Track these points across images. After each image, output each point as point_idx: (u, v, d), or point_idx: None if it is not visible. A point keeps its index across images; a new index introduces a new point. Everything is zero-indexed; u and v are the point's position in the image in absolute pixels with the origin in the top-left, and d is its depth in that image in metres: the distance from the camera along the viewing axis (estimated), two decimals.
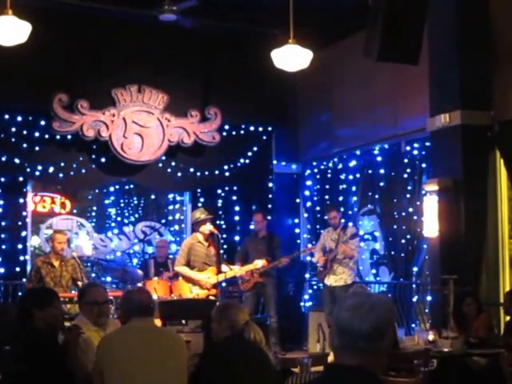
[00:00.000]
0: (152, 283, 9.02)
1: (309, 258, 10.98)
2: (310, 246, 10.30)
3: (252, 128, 11.23)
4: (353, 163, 10.72)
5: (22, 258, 9.86)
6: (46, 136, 9.88)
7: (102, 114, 9.97)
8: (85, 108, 9.84)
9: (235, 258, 9.76)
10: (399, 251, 9.68)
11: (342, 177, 10.90)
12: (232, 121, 10.91)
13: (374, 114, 10.11)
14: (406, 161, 9.68)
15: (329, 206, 10.14)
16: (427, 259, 9.01)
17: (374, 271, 10.57)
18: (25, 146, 9.76)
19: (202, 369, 4.24)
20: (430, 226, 8.24)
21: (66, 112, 9.75)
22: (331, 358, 5.51)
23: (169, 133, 10.33)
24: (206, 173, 10.76)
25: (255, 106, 10.97)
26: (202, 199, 10.95)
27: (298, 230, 11.57)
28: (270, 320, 9.47)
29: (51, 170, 9.92)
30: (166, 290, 9.01)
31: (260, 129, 11.29)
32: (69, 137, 9.94)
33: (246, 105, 10.89)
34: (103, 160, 10.13)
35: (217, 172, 10.83)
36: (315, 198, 11.42)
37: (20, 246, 9.85)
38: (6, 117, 9.72)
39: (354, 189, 10.69)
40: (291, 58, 7.73)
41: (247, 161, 11.07)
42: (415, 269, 9.46)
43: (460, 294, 7.25)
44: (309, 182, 11.55)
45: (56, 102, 9.67)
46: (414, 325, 9.23)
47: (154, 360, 4.08)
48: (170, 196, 12.25)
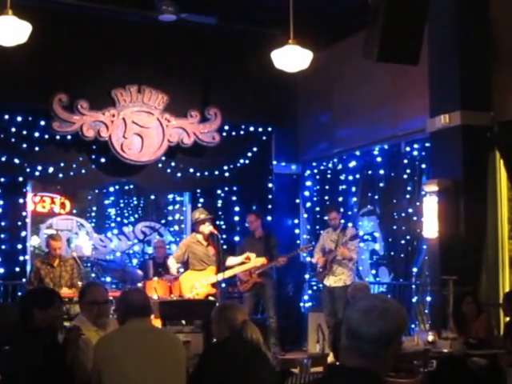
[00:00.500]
0: (152, 283, 9.02)
1: (308, 259, 10.97)
2: (307, 245, 10.28)
3: (252, 128, 11.23)
4: (352, 164, 10.72)
5: (21, 258, 9.85)
6: (46, 136, 9.87)
7: (102, 114, 9.97)
8: (85, 108, 9.84)
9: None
10: (399, 252, 9.68)
11: (342, 177, 10.89)
12: (232, 121, 10.91)
13: (373, 114, 10.10)
14: (405, 161, 9.67)
15: (329, 207, 10.14)
16: (427, 260, 9.01)
17: (373, 272, 10.56)
18: (24, 146, 9.75)
19: (202, 369, 4.24)
20: (430, 226, 8.24)
21: (66, 112, 9.75)
22: (331, 359, 5.51)
23: (168, 133, 10.33)
24: (206, 173, 10.76)
25: (255, 106, 10.96)
26: (201, 199, 10.95)
27: (297, 231, 11.57)
28: (269, 320, 9.46)
29: (51, 170, 9.91)
30: (166, 290, 9.01)
31: (260, 129, 11.29)
32: (69, 137, 9.93)
33: (246, 105, 10.89)
34: (103, 160, 10.13)
35: (216, 172, 10.82)
36: (315, 199, 11.42)
37: (20, 246, 9.85)
38: (6, 117, 9.71)
39: (353, 189, 10.68)
40: (291, 58, 7.73)
41: (247, 161, 11.07)
42: (415, 269, 9.45)
43: (459, 293, 7.25)
44: (308, 183, 11.55)
45: (56, 102, 9.67)
46: (413, 325, 9.22)
47: (151, 360, 4.08)
48: (170, 196, 12.24)
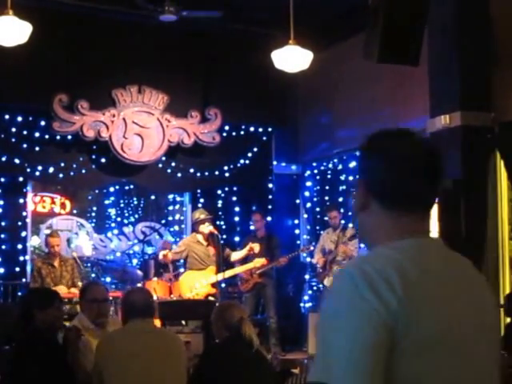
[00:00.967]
0: (152, 283, 9.02)
1: (309, 259, 10.97)
2: (308, 245, 10.28)
3: (252, 129, 11.23)
4: (353, 164, 10.71)
5: (21, 258, 9.85)
6: (46, 136, 9.87)
7: (102, 114, 9.97)
8: (85, 108, 9.84)
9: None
10: None
11: (342, 178, 10.89)
12: (232, 121, 10.90)
13: (374, 114, 10.09)
14: None
15: (329, 206, 10.15)
16: None
17: None
18: (25, 146, 9.75)
19: (202, 369, 4.24)
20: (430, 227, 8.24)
21: (66, 112, 9.74)
22: None
23: (169, 133, 10.33)
24: (206, 173, 10.76)
25: (255, 106, 10.96)
26: (201, 200, 10.95)
27: (297, 231, 11.56)
28: (269, 321, 9.47)
29: (51, 170, 9.91)
30: (166, 291, 9.01)
31: (260, 129, 11.29)
32: (69, 137, 9.93)
33: (246, 105, 10.88)
34: (103, 160, 10.13)
35: (217, 173, 10.82)
36: (315, 199, 11.42)
37: (20, 246, 9.85)
38: (6, 117, 9.71)
39: (354, 190, 10.69)
40: (291, 58, 7.74)
41: (247, 161, 11.07)
42: None
43: None
44: (309, 183, 11.55)
45: (56, 102, 9.67)
46: None
47: (153, 361, 4.08)
48: (170, 196, 12.23)
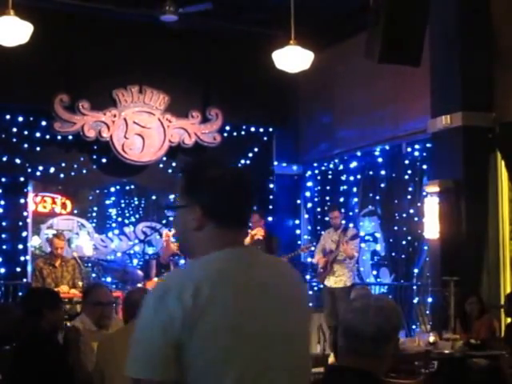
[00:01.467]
0: (152, 283, 9.01)
1: (309, 259, 10.97)
2: (308, 245, 10.26)
3: (253, 129, 11.23)
4: (354, 164, 10.72)
5: (22, 258, 9.86)
6: (47, 136, 9.88)
7: (103, 114, 9.97)
8: (86, 108, 9.84)
9: None
10: (400, 252, 9.68)
11: (343, 178, 10.90)
12: (233, 122, 10.91)
13: (375, 115, 10.10)
14: (406, 162, 9.68)
15: (331, 206, 10.14)
16: (428, 261, 9.01)
17: (374, 272, 10.56)
18: (26, 146, 9.76)
19: None
20: (431, 227, 8.24)
21: (67, 112, 9.75)
22: (332, 360, 5.50)
23: (170, 133, 10.33)
24: None
25: (256, 106, 10.96)
26: None
27: (298, 231, 11.56)
28: None
29: (52, 170, 9.92)
30: None
31: (261, 130, 11.29)
32: (70, 137, 9.94)
33: (247, 106, 10.89)
34: (104, 160, 10.14)
35: None
36: (316, 199, 11.42)
37: (21, 247, 9.85)
38: (7, 117, 9.72)
39: (354, 190, 10.68)
40: (292, 58, 7.74)
41: (248, 162, 11.07)
42: (416, 270, 9.46)
43: (464, 293, 7.30)
44: (309, 183, 11.55)
45: (57, 102, 9.67)
46: (414, 326, 9.22)
47: None
48: (171, 197, 12.22)
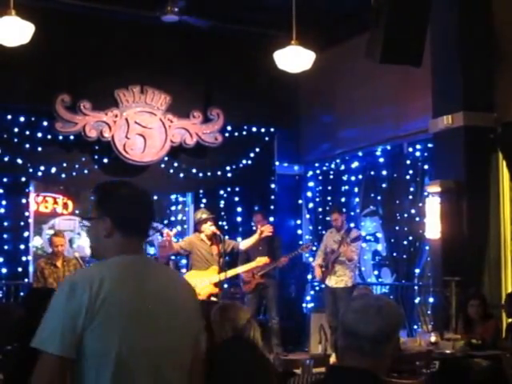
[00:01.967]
0: None
1: (311, 259, 10.96)
2: (308, 244, 10.24)
3: (254, 129, 11.23)
4: (355, 164, 10.72)
5: (24, 258, 9.86)
6: (49, 136, 9.88)
7: (105, 114, 9.98)
8: (87, 109, 9.84)
9: (238, 258, 9.73)
10: (401, 253, 9.67)
11: (345, 178, 10.89)
12: (234, 122, 10.90)
13: (376, 115, 10.10)
14: (408, 162, 9.68)
15: (331, 208, 10.13)
16: (429, 261, 9.01)
17: (376, 272, 10.57)
18: (27, 146, 9.76)
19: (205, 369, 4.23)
20: (432, 227, 8.24)
21: (69, 112, 9.75)
22: (333, 360, 5.51)
23: (171, 134, 10.33)
24: (209, 174, 10.76)
25: (257, 107, 10.96)
26: (204, 200, 10.94)
27: (300, 232, 11.56)
28: (271, 321, 9.45)
29: (53, 170, 9.92)
30: None
31: (262, 130, 11.29)
32: (71, 137, 9.94)
33: (249, 106, 10.88)
34: (105, 161, 10.13)
35: (219, 173, 10.82)
36: (317, 200, 11.42)
37: (22, 247, 9.85)
38: (9, 117, 9.72)
39: (356, 190, 10.68)
40: (293, 59, 7.74)
41: (249, 162, 11.07)
42: (417, 270, 9.45)
43: (468, 295, 7.30)
44: (311, 184, 11.55)
45: (58, 102, 9.67)
46: (416, 326, 9.22)
47: None
48: (173, 197, 12.23)
